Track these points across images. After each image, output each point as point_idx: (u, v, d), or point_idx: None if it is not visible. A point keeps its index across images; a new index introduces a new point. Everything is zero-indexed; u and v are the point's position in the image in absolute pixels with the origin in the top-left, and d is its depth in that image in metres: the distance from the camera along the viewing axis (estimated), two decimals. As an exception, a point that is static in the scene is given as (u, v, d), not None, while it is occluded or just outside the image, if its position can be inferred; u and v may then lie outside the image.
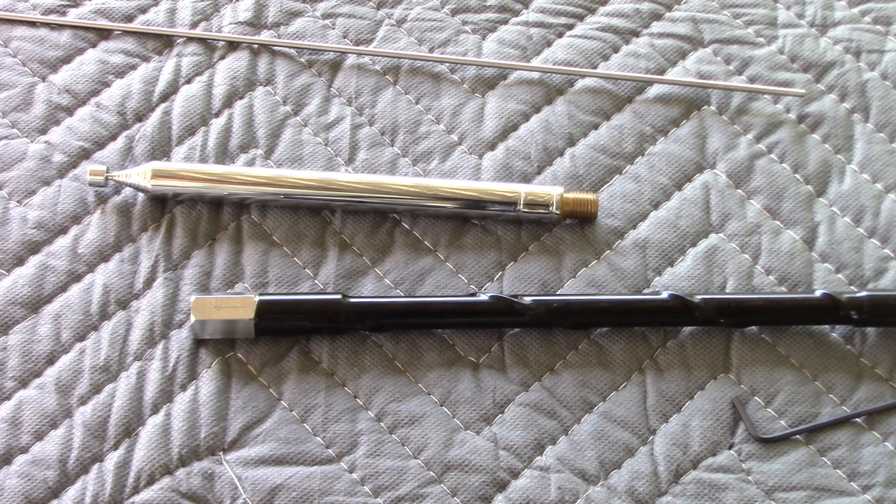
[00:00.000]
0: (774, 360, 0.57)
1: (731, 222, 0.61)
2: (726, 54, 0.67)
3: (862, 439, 0.55)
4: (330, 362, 0.56)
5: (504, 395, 0.56)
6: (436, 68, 0.66)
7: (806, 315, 0.57)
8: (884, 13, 0.69)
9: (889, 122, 0.65)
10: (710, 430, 0.55)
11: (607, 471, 0.54)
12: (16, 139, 0.62)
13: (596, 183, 0.62)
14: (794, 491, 0.54)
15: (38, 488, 0.53)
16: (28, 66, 0.65)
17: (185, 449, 0.54)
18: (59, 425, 0.54)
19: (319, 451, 0.54)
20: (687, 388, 0.56)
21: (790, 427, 0.55)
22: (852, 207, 0.62)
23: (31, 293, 0.58)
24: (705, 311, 0.56)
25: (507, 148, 0.63)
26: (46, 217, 0.60)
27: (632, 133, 0.64)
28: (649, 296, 0.58)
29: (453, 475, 0.54)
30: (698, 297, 0.56)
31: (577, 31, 0.67)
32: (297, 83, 0.65)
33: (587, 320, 0.57)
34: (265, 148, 0.63)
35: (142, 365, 0.56)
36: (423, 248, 0.60)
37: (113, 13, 0.67)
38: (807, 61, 0.66)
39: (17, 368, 0.56)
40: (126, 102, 0.64)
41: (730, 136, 0.64)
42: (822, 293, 0.57)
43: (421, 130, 0.64)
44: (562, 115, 0.64)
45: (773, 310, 0.57)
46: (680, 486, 0.54)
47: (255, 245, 0.59)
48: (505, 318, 0.56)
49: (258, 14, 0.67)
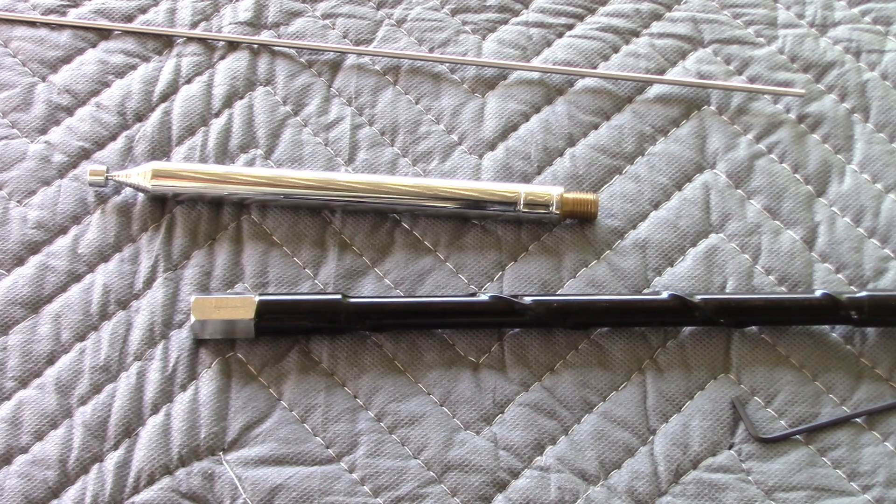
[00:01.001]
0: (774, 360, 0.57)
1: (731, 222, 0.61)
2: (726, 54, 0.67)
3: (862, 439, 0.55)
4: (330, 362, 0.56)
5: (504, 395, 0.56)
6: (436, 68, 0.66)
7: (806, 315, 0.57)
8: (884, 13, 0.69)
9: (889, 122, 0.65)
10: (710, 430, 0.55)
11: (607, 471, 0.54)
12: (16, 139, 0.62)
13: (596, 183, 0.62)
14: (794, 491, 0.54)
15: (38, 488, 0.53)
16: (28, 66, 0.65)
17: (185, 449, 0.54)
18: (59, 425, 0.54)
19: (319, 451, 0.54)
20: (687, 388, 0.56)
21: (790, 427, 0.55)
22: (852, 207, 0.62)
23: (31, 293, 0.58)
24: (705, 311, 0.56)
25: (507, 148, 0.63)
26: (46, 217, 0.60)
27: (632, 133, 0.64)
28: (649, 296, 0.58)
29: (453, 475, 0.54)
30: (698, 297, 0.56)
31: (577, 31, 0.67)
32: (297, 83, 0.65)
33: (587, 320, 0.57)
34: (265, 148, 0.63)
35: (142, 365, 0.56)
36: (423, 248, 0.60)
37: (113, 13, 0.67)
38: (807, 61, 0.66)
39: (17, 368, 0.56)
40: (126, 102, 0.64)
41: (730, 136, 0.64)
42: (822, 293, 0.57)
43: (421, 130, 0.64)
44: (562, 115, 0.64)
45: (773, 310, 0.57)
46: (680, 486, 0.54)
47: (255, 245, 0.59)
48: (505, 318, 0.56)
49: (258, 14, 0.67)
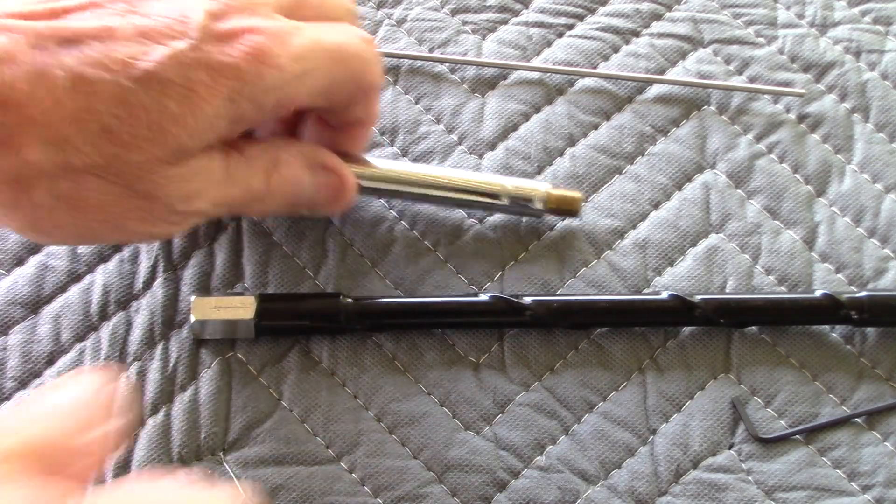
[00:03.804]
0: (774, 360, 0.57)
1: (731, 222, 0.61)
2: (726, 54, 0.67)
3: (862, 439, 0.55)
4: (330, 362, 0.56)
5: (504, 395, 0.56)
6: (436, 68, 0.66)
7: (806, 315, 0.57)
8: (884, 13, 0.69)
9: (889, 122, 0.65)
10: (710, 430, 0.55)
11: (607, 471, 0.54)
12: (15, 139, 0.62)
13: (596, 183, 0.62)
14: (794, 491, 0.54)
15: (38, 488, 0.53)
16: (28, 65, 0.65)
17: (185, 449, 0.54)
18: (59, 425, 0.54)
19: (320, 451, 0.54)
20: (687, 388, 0.56)
21: (790, 427, 0.55)
22: (852, 207, 0.62)
23: (31, 293, 0.58)
24: (705, 311, 0.56)
25: (507, 148, 0.63)
26: None
27: (632, 133, 0.64)
28: (649, 296, 0.58)
29: (453, 475, 0.54)
30: (698, 297, 0.56)
31: (577, 31, 0.67)
32: (297, 83, 0.65)
33: (587, 320, 0.57)
34: (265, 148, 0.63)
35: (142, 365, 0.56)
36: (422, 248, 0.60)
37: (113, 13, 0.67)
38: (807, 61, 0.66)
39: (16, 368, 0.56)
40: (126, 102, 0.64)
41: (730, 136, 0.64)
42: (823, 293, 0.57)
43: (421, 130, 0.64)
44: (562, 115, 0.64)
45: (774, 310, 0.57)
46: (680, 485, 0.54)
47: (255, 245, 0.59)
48: (505, 317, 0.56)
49: (258, 14, 0.67)
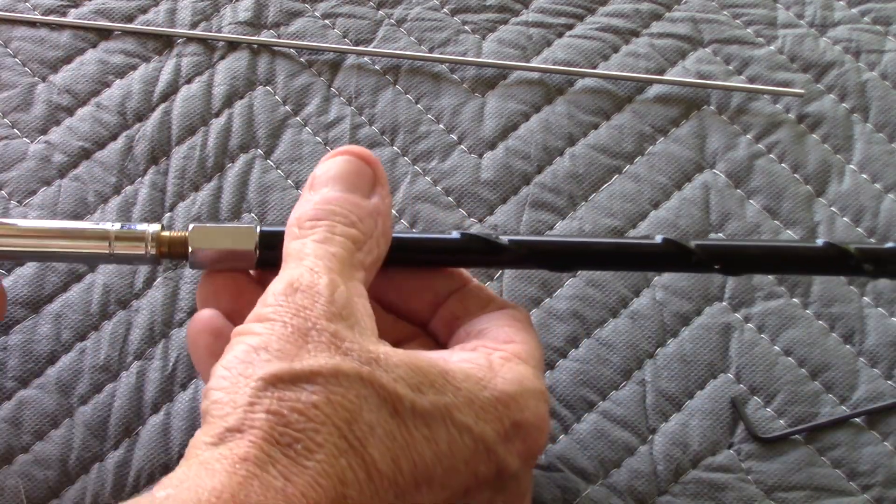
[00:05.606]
0: (774, 360, 0.57)
1: (731, 222, 0.61)
2: (726, 54, 0.67)
3: (862, 439, 0.55)
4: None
5: (504, 394, 0.56)
6: (436, 68, 0.66)
7: (806, 264, 0.52)
8: (884, 13, 0.69)
9: (889, 122, 0.65)
10: (709, 429, 0.55)
11: (607, 470, 0.54)
12: (16, 139, 0.62)
13: (596, 182, 0.62)
14: (794, 490, 0.54)
15: (39, 488, 0.53)
16: (28, 66, 0.65)
17: (185, 449, 0.54)
18: (59, 425, 0.54)
19: (319, 451, 0.54)
20: (687, 388, 0.56)
21: (789, 427, 0.55)
22: (852, 207, 0.62)
23: (32, 293, 0.58)
24: (700, 257, 0.50)
25: (507, 147, 0.63)
26: (46, 217, 0.60)
27: (632, 133, 0.64)
28: (641, 239, 0.52)
29: (453, 475, 0.54)
30: (694, 242, 0.50)
31: (577, 31, 0.68)
32: (297, 83, 0.65)
33: (571, 262, 0.52)
34: (265, 147, 0.63)
35: (142, 364, 0.56)
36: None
37: (113, 13, 0.67)
38: (806, 61, 0.67)
39: (17, 368, 0.56)
40: (126, 102, 0.64)
41: (729, 136, 0.64)
42: (824, 241, 0.51)
43: (421, 130, 0.64)
44: (562, 115, 0.64)
45: (772, 256, 0.52)
46: (680, 485, 0.54)
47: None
48: (482, 256, 0.51)
49: (258, 14, 0.67)
